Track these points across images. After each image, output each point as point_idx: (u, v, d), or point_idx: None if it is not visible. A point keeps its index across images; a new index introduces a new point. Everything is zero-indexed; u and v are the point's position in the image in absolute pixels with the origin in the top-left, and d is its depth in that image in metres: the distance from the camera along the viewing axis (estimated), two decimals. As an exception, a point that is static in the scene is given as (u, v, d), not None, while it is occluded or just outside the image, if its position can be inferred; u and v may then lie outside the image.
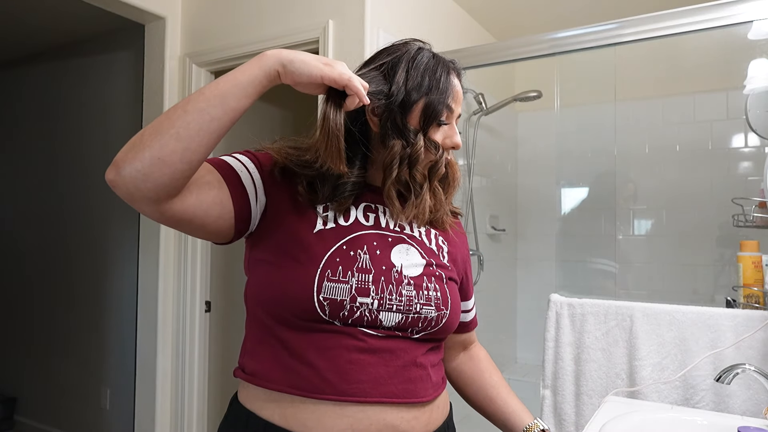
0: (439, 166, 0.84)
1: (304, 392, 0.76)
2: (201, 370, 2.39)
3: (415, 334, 0.81)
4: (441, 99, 0.82)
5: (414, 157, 0.81)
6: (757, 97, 1.59)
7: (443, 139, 0.85)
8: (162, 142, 0.66)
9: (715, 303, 1.47)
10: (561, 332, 1.50)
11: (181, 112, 0.68)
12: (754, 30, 1.47)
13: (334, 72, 0.72)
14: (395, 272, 0.81)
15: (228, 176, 0.79)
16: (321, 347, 0.77)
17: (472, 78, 2.49)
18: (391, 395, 0.78)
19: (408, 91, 0.81)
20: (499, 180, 2.96)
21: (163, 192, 0.68)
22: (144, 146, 0.66)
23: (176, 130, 0.66)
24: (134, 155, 0.66)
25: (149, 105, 2.42)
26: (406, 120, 0.81)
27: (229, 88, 0.70)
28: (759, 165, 2.29)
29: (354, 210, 0.85)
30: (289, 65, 0.71)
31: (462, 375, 1.03)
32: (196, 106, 0.68)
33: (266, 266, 0.81)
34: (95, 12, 2.31)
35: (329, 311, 0.76)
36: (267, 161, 0.85)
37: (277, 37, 2.11)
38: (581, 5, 2.53)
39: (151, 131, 0.67)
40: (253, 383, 0.81)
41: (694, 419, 1.07)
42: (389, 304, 0.78)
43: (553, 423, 1.49)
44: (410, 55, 0.84)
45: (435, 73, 0.83)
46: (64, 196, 3.07)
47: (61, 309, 3.05)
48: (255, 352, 0.83)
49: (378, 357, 0.78)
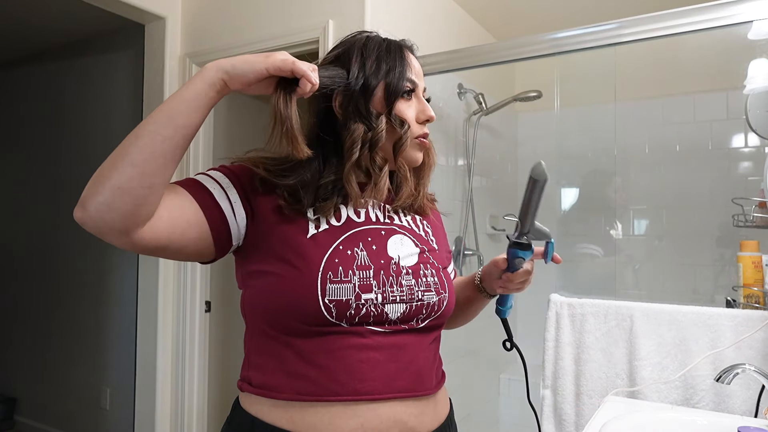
0: (403, 141, 0.84)
1: (315, 397, 0.76)
2: (201, 370, 2.38)
3: (421, 323, 0.82)
4: (400, 76, 0.84)
5: (375, 140, 0.82)
6: (757, 97, 1.59)
7: (417, 114, 0.87)
8: (119, 170, 0.66)
9: (715, 303, 1.47)
10: (561, 332, 1.50)
11: (133, 138, 0.68)
12: (754, 30, 1.47)
13: (276, 60, 0.71)
14: (393, 264, 0.82)
15: (199, 196, 0.77)
16: (330, 349, 0.77)
17: (472, 78, 2.49)
18: (400, 390, 0.79)
19: (366, 77, 0.83)
20: (499, 180, 2.96)
21: (130, 221, 0.68)
22: (103, 178, 0.66)
23: (131, 156, 0.66)
24: (95, 189, 0.66)
25: (149, 105, 2.42)
26: (369, 105, 0.83)
27: (176, 106, 0.69)
28: (759, 165, 2.29)
29: (344, 209, 0.85)
30: (232, 70, 0.71)
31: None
32: (146, 129, 0.68)
33: (264, 277, 0.80)
34: (95, 12, 2.31)
35: (336, 313, 0.76)
36: (244, 173, 0.83)
37: (276, 37, 2.11)
38: (581, 5, 2.53)
39: (108, 163, 0.67)
40: (262, 395, 0.79)
41: (694, 419, 1.07)
42: (392, 296, 0.79)
43: (553, 423, 1.49)
44: (361, 43, 0.86)
45: (389, 54, 0.85)
46: (65, 196, 3.07)
47: (61, 309, 3.05)
48: (261, 365, 0.81)
49: (387, 353, 0.79)
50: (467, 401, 2.28)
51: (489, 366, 2.69)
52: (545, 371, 1.52)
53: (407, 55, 0.87)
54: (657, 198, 2.56)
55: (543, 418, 1.51)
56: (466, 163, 2.52)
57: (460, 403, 1.03)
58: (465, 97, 2.51)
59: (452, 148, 2.43)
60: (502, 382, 2.74)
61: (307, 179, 0.82)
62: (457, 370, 2.11)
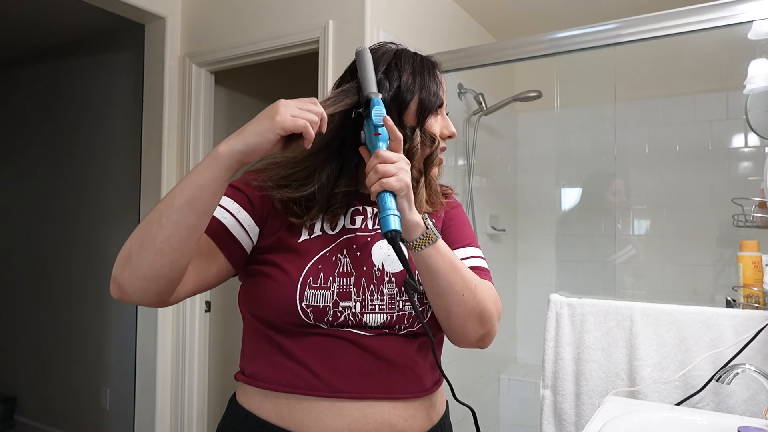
0: (434, 157, 0.87)
1: (300, 390, 0.77)
2: (201, 370, 2.39)
3: (403, 331, 0.81)
4: (435, 93, 0.86)
5: (412, 152, 0.83)
6: (757, 97, 1.59)
7: (441, 130, 0.88)
8: (149, 261, 0.70)
9: (715, 303, 1.47)
10: (561, 332, 1.49)
11: (157, 227, 0.70)
12: (754, 30, 1.47)
13: (285, 124, 0.70)
14: (377, 271, 0.81)
15: (217, 235, 0.80)
16: (312, 347, 0.78)
17: (472, 78, 2.49)
18: (385, 391, 0.78)
19: (402, 91, 0.83)
20: (499, 180, 2.96)
21: (167, 294, 0.74)
22: (135, 267, 0.70)
23: (158, 246, 0.69)
24: (130, 276, 0.71)
25: (149, 105, 2.42)
26: (403, 118, 0.84)
27: (193, 192, 0.70)
28: (759, 165, 2.29)
29: (342, 218, 0.85)
30: (246, 148, 0.71)
31: None
32: (170, 219, 0.69)
33: (256, 275, 0.83)
34: (95, 12, 2.31)
35: (313, 317, 0.78)
36: (257, 194, 0.84)
37: (277, 36, 2.11)
38: (581, 5, 2.53)
39: (137, 248, 0.70)
40: (252, 384, 0.82)
41: (694, 419, 1.07)
42: (371, 305, 0.79)
43: (553, 423, 1.49)
44: (391, 54, 0.86)
45: (423, 71, 0.86)
46: (64, 196, 3.07)
47: (62, 309, 3.05)
48: (252, 355, 0.84)
49: (368, 355, 0.79)
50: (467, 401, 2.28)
51: (489, 366, 2.69)
52: (545, 371, 1.52)
53: (437, 72, 0.89)
54: (657, 198, 2.56)
55: (543, 418, 1.51)
56: (466, 163, 2.52)
57: (459, 403, 1.02)
58: (465, 97, 2.51)
59: (452, 148, 2.43)
60: (502, 382, 2.75)
61: (316, 190, 0.82)
62: (457, 370, 2.11)
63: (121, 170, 2.75)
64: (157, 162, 2.36)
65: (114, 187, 2.79)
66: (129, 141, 2.69)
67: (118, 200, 2.75)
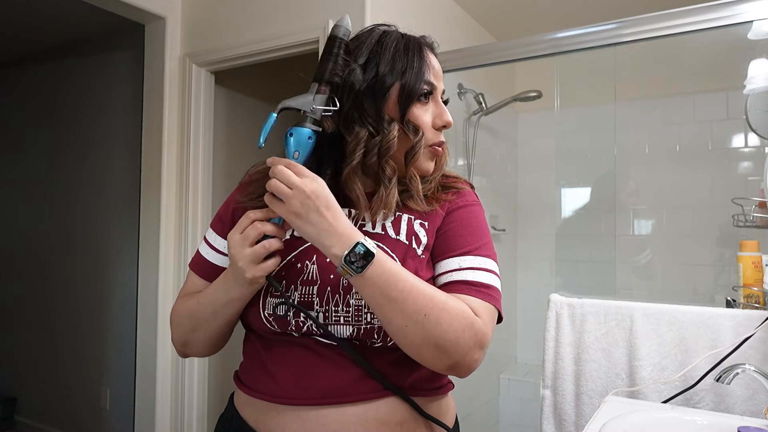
0: (416, 150, 0.77)
1: (267, 397, 0.76)
2: (201, 370, 2.39)
3: (376, 345, 0.74)
4: (418, 77, 0.77)
5: (385, 147, 0.75)
6: (757, 97, 1.58)
7: (433, 119, 0.79)
8: (200, 347, 0.85)
9: (715, 303, 1.47)
10: (561, 332, 1.49)
11: (205, 323, 0.82)
12: (754, 30, 1.47)
13: (257, 273, 0.72)
14: (344, 280, 0.74)
15: (211, 276, 0.84)
16: (283, 356, 0.77)
17: (472, 78, 2.49)
18: (350, 400, 0.73)
19: (379, 79, 0.75)
20: (499, 180, 2.96)
21: (226, 338, 0.87)
22: (192, 344, 0.85)
23: (208, 335, 0.83)
24: (192, 351, 0.86)
25: (149, 105, 2.42)
26: (381, 109, 0.76)
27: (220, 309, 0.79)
28: (759, 165, 2.29)
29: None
30: (240, 295, 0.76)
31: None
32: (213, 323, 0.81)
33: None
34: (95, 12, 2.31)
35: (277, 326, 0.76)
36: (236, 214, 0.83)
37: (277, 36, 2.11)
38: (581, 5, 2.53)
39: (191, 337, 0.84)
40: (238, 387, 0.83)
41: (694, 419, 1.07)
42: (336, 316, 0.73)
43: (553, 423, 1.49)
44: (375, 38, 0.79)
45: (406, 52, 0.77)
46: (64, 196, 3.07)
47: (61, 309, 3.05)
48: (244, 359, 0.86)
49: (333, 364, 0.74)
50: (467, 401, 2.28)
51: (489, 366, 2.69)
52: (545, 371, 1.52)
53: (426, 53, 0.80)
54: (657, 198, 2.56)
55: (543, 418, 1.51)
56: (466, 163, 2.52)
57: (460, 403, 1.03)
58: (465, 97, 2.51)
59: (452, 148, 2.43)
60: (502, 382, 2.74)
61: None
62: (457, 370, 2.10)
63: (121, 170, 2.75)
64: (157, 162, 2.36)
65: (114, 187, 2.79)
66: (129, 141, 2.69)
67: (118, 200, 2.74)
